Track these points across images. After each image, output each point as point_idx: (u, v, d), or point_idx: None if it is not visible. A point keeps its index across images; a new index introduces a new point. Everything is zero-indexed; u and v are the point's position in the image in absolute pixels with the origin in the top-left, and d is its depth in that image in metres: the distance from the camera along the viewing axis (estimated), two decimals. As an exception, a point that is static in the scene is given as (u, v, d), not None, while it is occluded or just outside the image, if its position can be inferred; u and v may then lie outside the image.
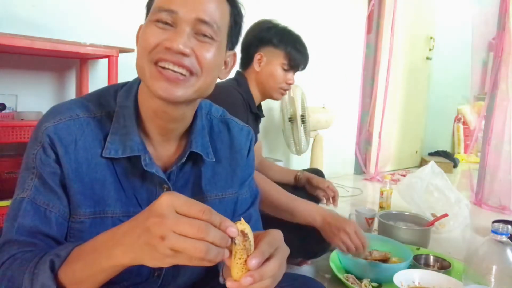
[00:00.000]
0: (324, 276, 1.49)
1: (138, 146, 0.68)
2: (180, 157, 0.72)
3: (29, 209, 0.63)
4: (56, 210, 0.64)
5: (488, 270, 0.92)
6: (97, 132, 0.68)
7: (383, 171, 3.56)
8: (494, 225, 0.96)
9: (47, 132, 0.65)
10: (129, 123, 0.69)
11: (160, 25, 0.63)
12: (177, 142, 0.75)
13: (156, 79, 0.63)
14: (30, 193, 0.64)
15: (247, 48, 1.55)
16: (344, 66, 3.29)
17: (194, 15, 0.63)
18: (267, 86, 1.56)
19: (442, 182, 2.22)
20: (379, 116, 3.47)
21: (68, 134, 0.66)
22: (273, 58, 1.53)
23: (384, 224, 1.82)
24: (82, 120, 0.68)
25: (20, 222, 0.62)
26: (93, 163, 0.67)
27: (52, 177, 0.65)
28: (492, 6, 3.07)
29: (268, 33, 1.52)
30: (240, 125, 0.85)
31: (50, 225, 0.64)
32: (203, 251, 0.46)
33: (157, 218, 0.46)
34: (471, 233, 2.17)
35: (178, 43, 0.61)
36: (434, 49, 4.05)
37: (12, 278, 0.57)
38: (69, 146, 0.65)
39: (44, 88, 1.79)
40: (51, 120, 0.66)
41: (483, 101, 2.92)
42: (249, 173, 0.86)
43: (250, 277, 0.50)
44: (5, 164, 1.50)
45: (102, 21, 1.89)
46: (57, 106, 0.70)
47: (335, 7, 3.12)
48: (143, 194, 0.70)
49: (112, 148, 0.67)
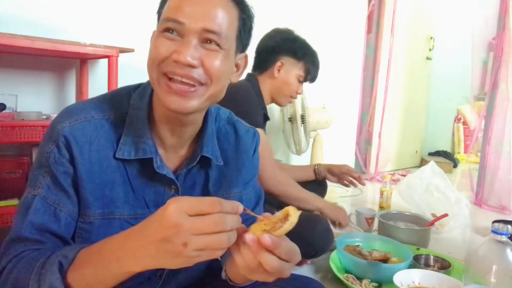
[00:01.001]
0: (324, 276, 1.49)
1: (150, 148, 0.69)
2: (191, 160, 0.74)
3: (40, 207, 0.64)
4: (65, 210, 0.65)
5: (488, 270, 0.92)
6: (110, 134, 0.69)
7: (383, 171, 3.55)
8: (494, 225, 0.96)
9: (63, 132, 0.66)
10: (142, 125, 0.70)
11: (168, 35, 0.64)
12: (187, 145, 0.77)
13: (167, 93, 0.65)
14: (41, 191, 0.65)
15: (266, 53, 1.62)
16: (344, 66, 3.28)
17: (200, 25, 0.63)
18: (281, 92, 1.65)
19: (442, 182, 2.22)
20: (379, 116, 3.47)
21: (83, 135, 0.67)
22: (292, 68, 1.63)
23: (384, 224, 1.82)
24: (96, 122, 0.69)
25: (30, 219, 0.63)
26: (105, 165, 0.68)
27: (64, 177, 0.65)
28: (492, 6, 3.07)
29: (294, 44, 1.62)
30: (247, 127, 0.87)
31: (59, 224, 0.64)
32: (225, 241, 0.49)
33: (174, 229, 0.47)
34: (471, 233, 2.17)
35: (185, 56, 0.62)
36: (434, 49, 4.05)
37: (18, 276, 0.58)
38: (83, 147, 0.66)
39: (44, 88, 1.79)
40: (67, 121, 0.67)
41: (483, 101, 2.92)
42: (253, 173, 0.87)
43: (270, 239, 0.51)
44: (5, 164, 1.50)
45: (102, 21, 1.89)
46: (71, 107, 0.71)
47: (335, 7, 3.12)
48: (151, 196, 0.72)
49: (125, 150, 0.69)
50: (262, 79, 1.65)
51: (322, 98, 2.92)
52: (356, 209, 1.99)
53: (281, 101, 1.70)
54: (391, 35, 3.37)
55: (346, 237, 1.60)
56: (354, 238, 1.62)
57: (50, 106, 1.79)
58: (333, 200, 2.55)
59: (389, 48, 3.37)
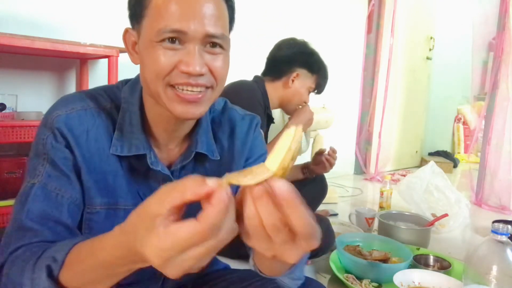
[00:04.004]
0: (324, 276, 1.49)
1: (143, 144, 0.68)
2: (186, 156, 0.73)
3: (39, 193, 0.62)
4: (68, 196, 0.63)
5: (488, 270, 0.92)
6: (107, 124, 0.68)
7: (383, 171, 3.55)
8: (494, 225, 0.96)
9: (58, 120, 0.64)
10: (135, 121, 0.69)
11: (168, 45, 0.61)
12: (182, 140, 0.75)
13: (176, 102, 0.63)
14: (41, 179, 0.63)
15: (283, 63, 1.68)
16: (344, 66, 3.28)
17: (204, 31, 0.61)
18: (291, 101, 1.72)
19: (442, 182, 2.22)
20: (379, 116, 3.47)
21: (80, 124, 0.66)
22: (306, 80, 1.71)
23: (384, 224, 1.82)
24: (93, 111, 0.68)
25: (30, 207, 0.60)
26: (105, 155, 0.67)
27: (64, 161, 0.64)
28: (492, 6, 3.07)
29: (311, 59, 1.70)
30: (242, 114, 0.83)
31: (62, 210, 0.62)
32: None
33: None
34: (471, 233, 2.17)
35: (194, 66, 0.60)
36: (434, 49, 4.05)
37: (14, 280, 0.55)
38: (80, 136, 0.65)
39: (44, 88, 1.79)
40: (63, 109, 0.66)
41: (483, 101, 2.92)
42: (259, 153, 0.83)
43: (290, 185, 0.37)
44: (5, 164, 1.50)
45: (102, 21, 1.89)
46: (68, 96, 0.70)
47: (335, 7, 3.12)
48: (146, 191, 0.71)
49: (119, 146, 0.68)
50: (273, 85, 1.70)
51: (322, 98, 2.91)
52: (356, 209, 1.99)
53: (289, 109, 1.77)
54: (391, 35, 3.37)
55: (346, 237, 1.60)
56: (354, 238, 1.62)
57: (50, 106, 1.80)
58: (333, 200, 2.55)
59: (389, 48, 3.38)
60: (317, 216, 1.54)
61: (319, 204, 2.03)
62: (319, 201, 2.02)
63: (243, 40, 2.41)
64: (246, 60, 2.27)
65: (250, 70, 1.82)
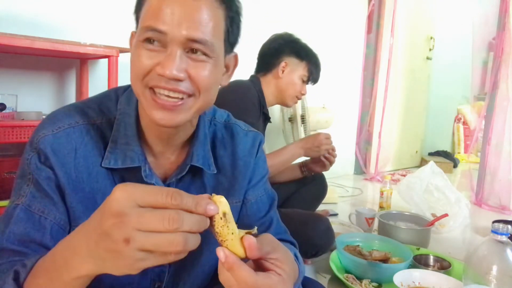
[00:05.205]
0: (324, 276, 1.49)
1: (138, 156, 0.66)
2: (182, 169, 0.70)
3: (22, 216, 0.60)
4: (51, 217, 0.62)
5: (488, 270, 0.92)
6: (97, 140, 0.66)
7: (383, 171, 3.55)
8: (494, 225, 0.96)
9: (43, 141, 0.63)
10: (130, 132, 0.67)
11: (150, 46, 0.59)
12: (178, 150, 0.72)
13: (153, 108, 0.61)
14: (25, 200, 0.61)
15: (270, 56, 1.68)
16: (344, 66, 3.28)
17: (184, 34, 0.57)
18: (286, 93, 1.69)
19: (442, 182, 2.22)
20: (379, 116, 3.47)
21: (68, 142, 0.64)
22: (296, 68, 1.67)
23: (384, 224, 1.82)
24: (82, 127, 0.66)
25: (12, 229, 0.59)
26: (94, 172, 0.65)
27: (47, 182, 0.62)
28: (492, 6, 3.07)
29: (296, 45, 1.67)
30: (245, 130, 0.81)
31: (44, 233, 0.60)
32: (181, 243, 0.39)
33: (116, 218, 0.39)
34: (471, 233, 2.17)
35: (171, 69, 0.57)
36: (434, 49, 4.05)
37: None
38: (68, 155, 0.64)
39: (44, 88, 1.79)
40: (49, 128, 0.64)
41: (483, 101, 2.92)
42: (261, 174, 0.82)
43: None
44: (5, 164, 1.50)
45: (102, 21, 1.89)
46: (56, 113, 0.68)
47: (335, 7, 3.12)
48: None
49: (112, 158, 0.66)
50: (266, 80, 1.69)
51: (322, 98, 2.92)
52: (356, 209, 1.99)
53: (288, 101, 1.74)
54: (391, 35, 3.37)
55: (346, 237, 1.60)
56: (354, 238, 1.62)
57: (50, 106, 1.79)
58: (333, 200, 2.56)
59: (389, 48, 3.38)
60: (317, 216, 1.54)
61: (319, 204, 2.03)
62: (319, 201, 2.02)
63: (244, 40, 2.40)
64: (247, 61, 2.26)
65: (250, 70, 1.82)
